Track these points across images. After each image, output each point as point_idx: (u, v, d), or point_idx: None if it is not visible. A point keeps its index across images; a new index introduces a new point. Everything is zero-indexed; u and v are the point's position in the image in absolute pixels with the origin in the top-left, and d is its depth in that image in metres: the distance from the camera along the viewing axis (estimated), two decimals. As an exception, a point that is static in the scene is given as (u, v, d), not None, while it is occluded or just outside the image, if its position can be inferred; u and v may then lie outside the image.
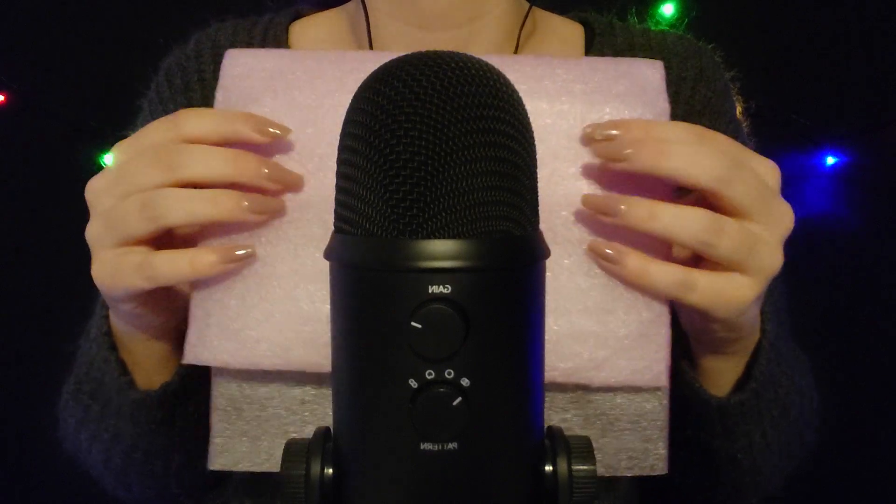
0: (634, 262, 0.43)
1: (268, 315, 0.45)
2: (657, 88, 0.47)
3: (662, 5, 1.10)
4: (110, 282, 0.44)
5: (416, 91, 0.30)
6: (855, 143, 1.17)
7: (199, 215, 0.42)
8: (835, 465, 1.21)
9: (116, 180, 0.44)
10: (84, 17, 1.14)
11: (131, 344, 0.53)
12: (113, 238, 0.44)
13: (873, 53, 1.16)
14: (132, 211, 0.43)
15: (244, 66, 0.47)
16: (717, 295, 0.43)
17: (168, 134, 0.44)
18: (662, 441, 0.47)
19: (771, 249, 0.43)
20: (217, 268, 0.44)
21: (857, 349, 1.21)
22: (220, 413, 0.48)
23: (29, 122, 1.16)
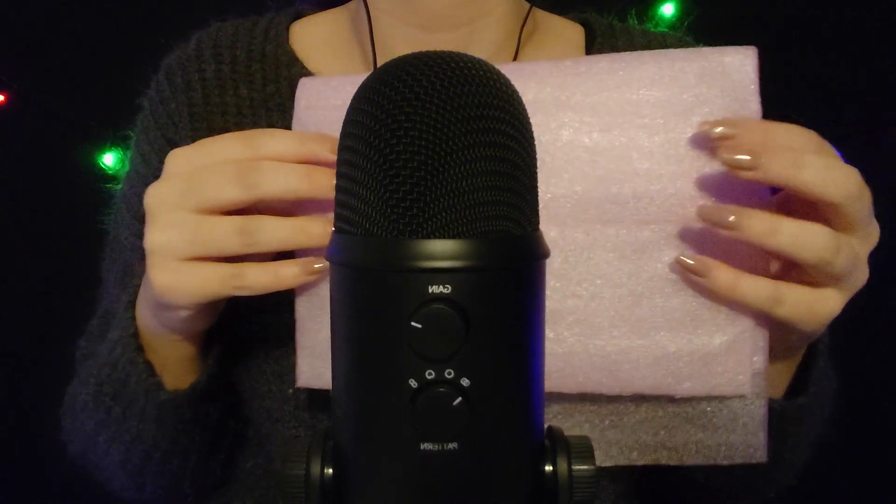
0: (724, 275, 0.43)
1: None
2: (749, 85, 0.45)
3: (662, 5, 1.10)
4: (183, 290, 0.45)
5: (416, 91, 0.30)
6: (855, 143, 1.17)
7: (291, 243, 0.46)
8: (835, 464, 1.21)
9: (190, 192, 0.45)
10: (84, 17, 1.14)
11: (162, 346, 0.53)
12: (196, 252, 0.45)
13: (873, 53, 1.16)
14: (228, 233, 0.45)
15: (318, 95, 0.48)
16: (806, 309, 0.43)
17: (246, 151, 0.46)
18: (763, 432, 0.48)
19: (864, 265, 0.44)
20: (299, 279, 0.46)
21: (857, 349, 1.21)
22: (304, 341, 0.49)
23: (29, 122, 1.16)
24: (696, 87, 0.45)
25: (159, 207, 0.46)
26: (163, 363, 0.54)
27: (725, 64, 0.45)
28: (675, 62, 0.46)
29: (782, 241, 0.40)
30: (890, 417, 1.21)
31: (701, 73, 0.45)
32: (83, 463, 0.62)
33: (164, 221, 0.45)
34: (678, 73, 0.45)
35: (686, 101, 0.45)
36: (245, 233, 0.44)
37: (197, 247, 0.45)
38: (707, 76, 0.45)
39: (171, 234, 0.45)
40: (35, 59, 1.16)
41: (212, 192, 0.44)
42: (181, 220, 0.45)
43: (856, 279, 0.43)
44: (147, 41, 0.67)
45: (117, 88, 0.67)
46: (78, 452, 0.62)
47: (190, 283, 0.45)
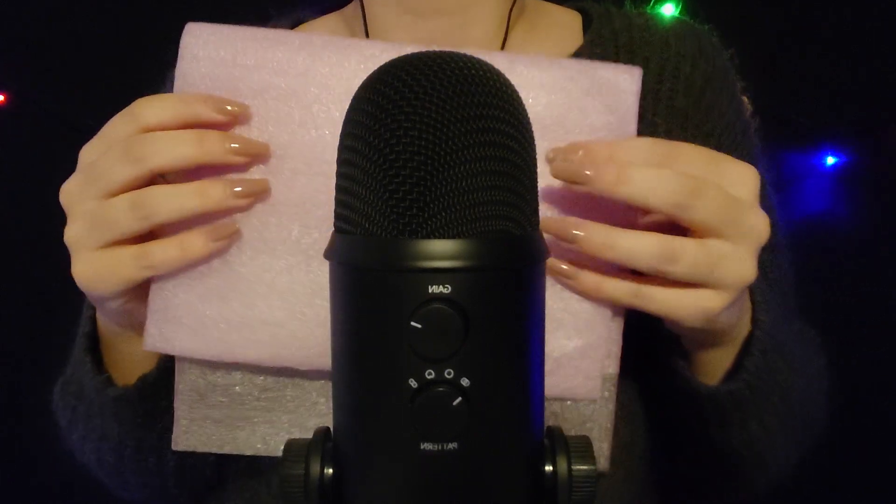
0: (588, 277, 0.45)
1: (224, 312, 0.46)
2: (630, 105, 0.47)
3: (662, 5, 1.10)
4: (100, 280, 0.45)
5: (416, 91, 0.30)
6: (855, 143, 1.17)
7: (189, 208, 0.43)
8: (835, 464, 1.21)
9: (89, 181, 0.45)
10: (84, 17, 1.14)
11: (120, 342, 0.53)
12: (101, 238, 0.44)
13: (873, 53, 1.16)
14: (122, 210, 0.43)
15: (204, 44, 0.47)
16: (678, 306, 0.44)
17: (129, 126, 0.45)
18: (606, 442, 0.49)
19: (739, 262, 0.44)
20: (208, 247, 0.45)
21: (857, 349, 1.21)
22: (183, 397, 0.49)
23: (29, 122, 1.16)
24: (580, 100, 0.46)
25: (69, 202, 0.45)
26: (122, 359, 0.54)
27: (611, 81, 0.47)
28: (567, 71, 0.47)
29: (618, 253, 0.43)
30: (890, 417, 1.21)
31: (588, 86, 0.47)
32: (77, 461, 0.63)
33: (75, 214, 0.45)
34: (567, 83, 0.47)
35: (568, 110, 0.46)
36: (137, 206, 0.43)
37: (100, 233, 0.44)
38: (593, 90, 0.47)
39: (80, 225, 0.45)
40: (35, 59, 1.16)
41: (105, 176, 0.44)
42: (87, 211, 0.44)
43: (729, 277, 0.43)
44: (147, 41, 0.67)
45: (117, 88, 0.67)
46: (67, 449, 0.62)
47: (103, 272, 0.45)
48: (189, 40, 0.47)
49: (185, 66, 0.46)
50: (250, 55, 0.46)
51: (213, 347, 0.47)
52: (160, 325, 0.47)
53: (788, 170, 1.19)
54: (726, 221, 0.43)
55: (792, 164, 1.19)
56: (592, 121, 0.46)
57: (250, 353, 0.47)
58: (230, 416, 0.50)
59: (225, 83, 0.46)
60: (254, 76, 0.46)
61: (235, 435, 0.50)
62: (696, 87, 0.61)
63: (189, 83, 0.46)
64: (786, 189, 1.19)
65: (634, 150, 0.44)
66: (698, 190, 0.42)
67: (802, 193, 1.20)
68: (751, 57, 1.15)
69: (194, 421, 0.50)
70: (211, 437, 0.50)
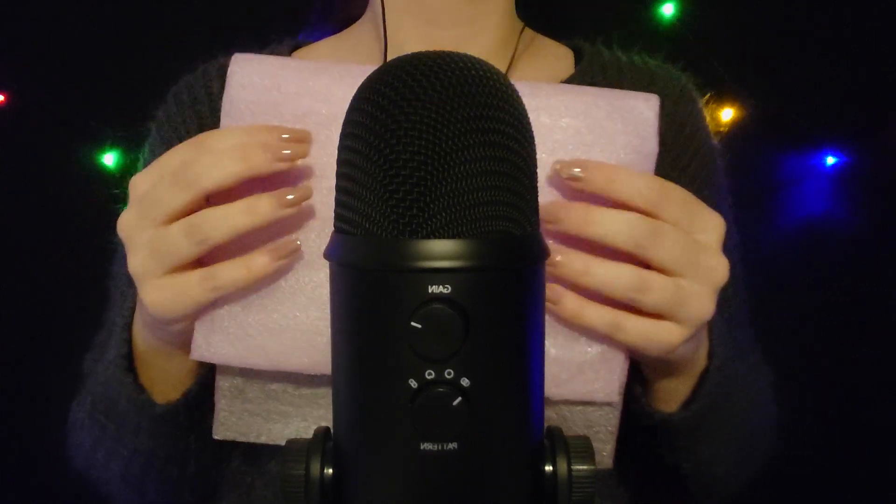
0: (571, 303, 0.47)
1: (267, 322, 0.48)
2: (649, 128, 0.49)
3: (662, 5, 1.10)
4: (172, 305, 0.46)
5: (417, 91, 0.30)
6: (855, 143, 1.17)
7: (242, 226, 0.44)
8: (835, 464, 1.21)
9: (144, 210, 0.46)
10: (84, 17, 1.14)
11: (163, 360, 0.54)
12: (163, 265, 0.45)
13: (873, 53, 1.16)
14: (178, 236, 0.45)
15: (251, 73, 0.48)
16: (645, 337, 0.47)
17: (189, 155, 0.46)
18: (611, 443, 0.52)
19: (700, 301, 0.47)
20: (272, 266, 0.46)
21: (857, 349, 1.21)
22: (224, 392, 0.52)
23: (29, 122, 1.16)
24: (602, 122, 0.48)
25: (129, 233, 0.46)
26: (160, 377, 0.55)
27: (631, 106, 0.49)
28: (588, 97, 0.49)
29: (594, 281, 0.45)
30: (891, 417, 1.21)
31: (610, 110, 0.48)
32: (87, 476, 0.63)
33: (135, 245, 0.46)
34: (590, 108, 0.48)
35: (593, 132, 0.48)
36: (192, 231, 0.44)
37: (162, 260, 0.45)
38: (614, 114, 0.48)
39: (143, 255, 0.46)
40: (35, 59, 1.16)
41: (160, 203, 0.45)
42: (147, 240, 0.45)
43: (691, 313, 0.46)
44: (147, 41, 0.68)
45: (117, 88, 0.67)
46: (81, 467, 0.63)
47: (172, 298, 0.46)
48: (236, 69, 0.48)
49: (233, 92, 0.48)
50: (293, 83, 0.48)
51: (256, 356, 0.48)
52: (206, 335, 0.48)
53: (788, 170, 1.19)
54: (685, 262, 0.46)
55: (792, 164, 1.19)
56: (615, 142, 0.48)
57: (292, 362, 0.48)
58: (266, 409, 0.52)
59: (269, 108, 0.48)
60: (296, 102, 0.48)
61: (271, 427, 0.53)
62: (677, 123, 0.66)
63: (236, 108, 0.48)
64: (786, 189, 1.19)
65: (630, 182, 0.45)
66: (657, 232, 0.45)
67: (802, 193, 1.19)
68: (751, 57, 1.15)
69: (233, 413, 0.52)
70: (249, 428, 0.53)
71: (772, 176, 1.19)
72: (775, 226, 1.20)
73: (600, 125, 0.48)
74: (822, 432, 1.20)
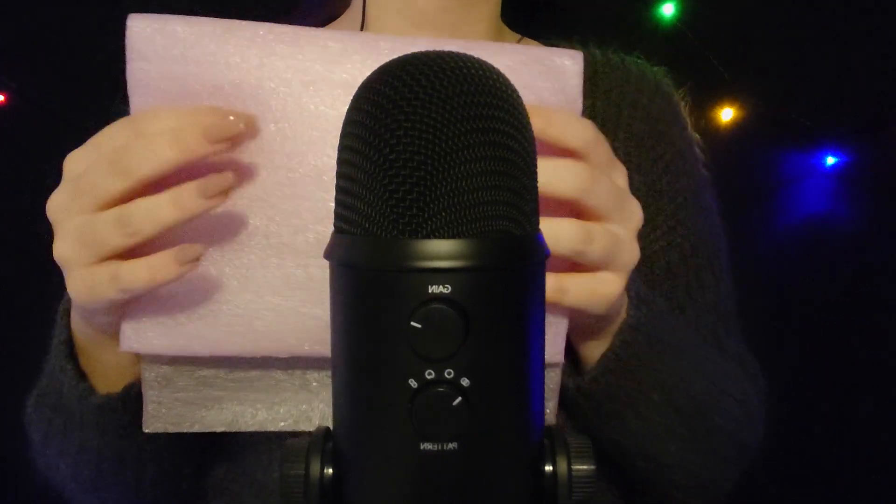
0: None
1: (198, 309, 0.47)
2: (574, 83, 0.49)
3: (662, 5, 1.10)
4: (89, 297, 0.44)
5: (416, 91, 0.30)
6: (855, 143, 1.17)
7: (169, 220, 0.42)
8: (835, 464, 1.21)
9: (77, 195, 0.43)
10: (84, 17, 1.14)
11: (99, 351, 0.52)
12: (92, 255, 0.43)
13: (873, 53, 1.16)
14: (109, 226, 0.42)
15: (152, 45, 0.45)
16: (589, 294, 0.47)
17: (130, 137, 0.43)
18: (553, 401, 0.53)
19: (629, 245, 0.48)
20: (176, 271, 0.43)
21: (857, 349, 1.21)
22: (151, 383, 0.50)
23: (29, 122, 1.16)
24: (526, 78, 0.48)
25: (58, 216, 0.44)
26: (100, 368, 0.53)
27: (556, 63, 0.49)
28: (519, 56, 0.48)
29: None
30: (891, 417, 1.21)
31: (539, 67, 0.48)
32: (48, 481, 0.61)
33: (64, 230, 0.44)
34: (515, 64, 0.48)
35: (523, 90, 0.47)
36: (123, 223, 0.42)
37: (91, 249, 0.43)
38: (538, 70, 0.48)
39: (70, 241, 0.44)
40: (35, 59, 1.16)
41: (95, 189, 0.43)
42: (76, 226, 0.43)
43: (624, 259, 0.47)
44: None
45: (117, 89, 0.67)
46: (41, 469, 0.61)
47: (90, 290, 0.44)
48: (135, 39, 0.45)
49: (136, 67, 0.45)
50: (201, 51, 0.45)
51: (192, 343, 0.47)
52: (135, 326, 0.47)
53: (788, 170, 1.19)
54: (614, 207, 0.47)
55: (792, 164, 1.19)
56: (543, 99, 0.48)
57: (228, 347, 0.47)
58: (198, 397, 0.51)
59: (179, 82, 0.45)
60: (206, 73, 0.45)
61: (204, 414, 0.51)
62: (652, 117, 0.67)
63: (143, 84, 0.45)
64: (786, 188, 1.19)
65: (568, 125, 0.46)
66: (594, 178, 0.45)
67: (802, 193, 1.20)
68: (751, 57, 1.15)
69: (163, 404, 0.50)
70: (181, 418, 0.51)
71: (772, 175, 1.19)
72: (775, 225, 1.20)
73: (529, 83, 0.48)
74: (821, 432, 1.20)
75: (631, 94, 0.68)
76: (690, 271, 0.66)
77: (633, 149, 0.66)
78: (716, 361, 0.62)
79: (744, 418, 0.62)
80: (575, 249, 0.45)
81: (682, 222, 0.66)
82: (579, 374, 0.55)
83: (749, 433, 0.63)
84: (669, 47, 1.10)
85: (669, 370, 0.56)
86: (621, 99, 0.67)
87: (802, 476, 1.19)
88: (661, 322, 0.56)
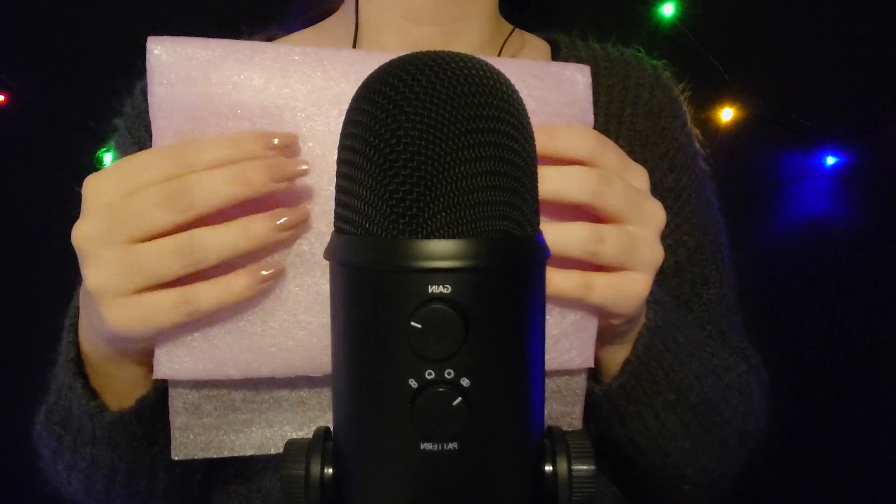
0: None
1: (233, 331, 0.46)
2: (584, 95, 0.50)
3: (662, 5, 1.10)
4: (141, 325, 0.43)
5: (416, 91, 0.30)
6: (855, 143, 1.17)
7: (240, 249, 0.43)
8: (835, 463, 1.21)
9: (116, 226, 0.42)
10: (84, 17, 1.14)
11: (112, 368, 0.51)
12: (135, 284, 0.42)
13: (873, 53, 1.16)
14: (165, 256, 0.42)
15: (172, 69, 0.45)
16: (616, 292, 0.47)
17: (174, 170, 0.43)
18: (580, 405, 0.54)
19: (649, 245, 0.48)
20: (252, 289, 0.44)
21: (857, 349, 1.21)
22: (178, 410, 0.49)
23: (29, 122, 1.16)
24: (538, 91, 0.49)
25: (89, 246, 0.43)
26: (110, 384, 0.52)
27: (566, 77, 0.50)
28: (522, 68, 0.49)
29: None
30: (891, 416, 1.21)
31: (548, 82, 0.49)
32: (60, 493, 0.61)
33: (99, 261, 0.42)
34: (526, 77, 0.48)
35: (535, 103, 0.48)
36: (184, 253, 0.42)
37: (138, 279, 0.42)
38: (549, 84, 0.49)
39: (109, 272, 0.42)
40: (35, 59, 1.16)
41: (142, 222, 0.42)
42: (116, 256, 0.42)
43: (645, 258, 0.47)
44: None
45: (118, 89, 0.67)
46: (51, 482, 0.61)
47: (141, 317, 0.43)
48: (156, 62, 0.44)
49: (159, 91, 0.44)
50: (224, 73, 0.45)
51: (223, 368, 0.46)
52: (169, 352, 0.46)
53: (788, 170, 1.19)
54: (631, 208, 0.47)
55: (792, 164, 1.19)
56: (554, 113, 0.49)
57: (262, 368, 0.47)
58: (226, 421, 0.50)
59: (202, 104, 0.45)
60: (232, 96, 0.45)
61: (233, 438, 0.51)
62: (654, 112, 0.67)
63: (166, 108, 0.45)
64: (786, 189, 1.19)
65: (569, 136, 0.46)
66: (606, 179, 0.46)
67: (802, 193, 1.19)
68: (751, 57, 1.15)
69: (190, 430, 0.50)
70: (209, 444, 0.50)
71: (772, 175, 1.19)
72: (775, 225, 1.20)
73: (539, 97, 0.48)
74: (821, 432, 1.20)
75: (632, 89, 0.68)
76: (695, 267, 0.66)
77: (637, 147, 0.66)
78: (721, 357, 0.62)
79: (748, 411, 0.63)
80: (586, 250, 0.46)
81: (686, 219, 0.66)
82: (599, 378, 0.56)
83: (752, 425, 0.64)
84: (669, 47, 1.10)
85: (684, 369, 0.56)
86: (623, 95, 0.67)
87: (802, 476, 1.19)
88: (674, 322, 0.57)
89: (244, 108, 0.45)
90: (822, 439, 1.20)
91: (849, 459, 1.21)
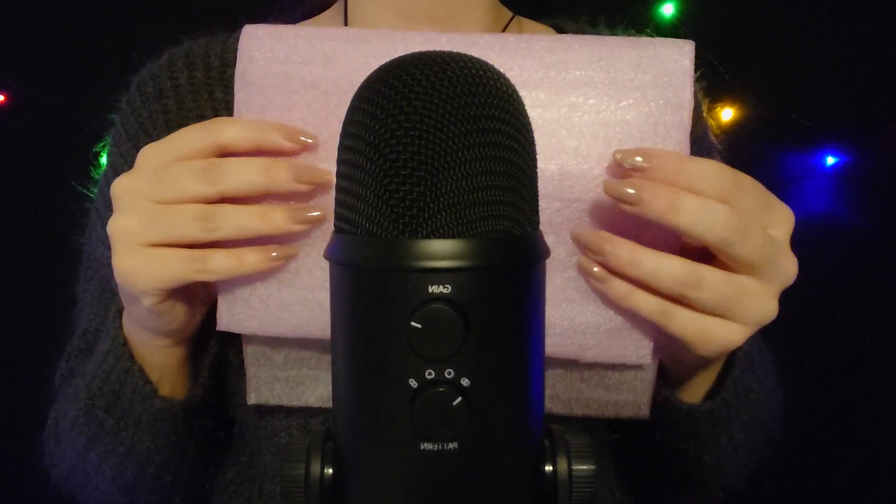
0: (620, 287, 0.45)
1: (286, 295, 0.49)
2: (683, 76, 0.46)
3: (662, 5, 1.10)
4: (145, 274, 0.45)
5: (417, 91, 0.30)
6: (855, 143, 1.17)
7: (252, 229, 0.45)
8: (835, 463, 1.21)
9: (155, 183, 0.45)
10: (84, 17, 1.14)
11: (150, 355, 0.54)
12: (157, 236, 0.45)
13: (873, 53, 1.16)
14: (188, 218, 0.45)
15: (261, 47, 0.48)
16: (698, 332, 0.44)
17: (204, 140, 0.46)
18: (648, 394, 0.53)
19: (762, 301, 0.44)
20: (262, 264, 0.47)
21: (857, 349, 1.21)
22: (252, 360, 0.54)
23: (29, 122, 1.16)
24: (629, 73, 0.46)
25: (124, 195, 0.46)
26: (154, 374, 0.54)
27: (662, 55, 0.46)
28: (613, 48, 0.47)
29: (642, 271, 0.43)
30: (891, 416, 1.21)
31: (637, 60, 0.47)
32: (67, 487, 0.62)
33: (127, 207, 0.46)
34: (614, 59, 0.47)
35: (619, 85, 0.46)
36: (205, 219, 0.45)
37: (158, 231, 0.45)
38: (643, 64, 0.46)
39: (133, 219, 0.45)
40: (35, 59, 1.16)
41: (176, 186, 0.45)
42: (143, 207, 0.45)
43: (750, 313, 0.44)
44: (148, 41, 0.67)
45: (118, 89, 0.67)
46: (62, 476, 0.61)
47: (151, 267, 0.45)
48: (247, 42, 0.49)
49: (244, 66, 0.49)
50: (301, 51, 0.48)
51: (279, 326, 0.49)
52: (230, 306, 0.49)
53: (788, 170, 1.19)
54: (763, 262, 0.43)
55: (792, 164, 1.19)
56: (645, 94, 0.46)
57: (314, 331, 0.49)
58: (295, 375, 0.54)
59: (281, 79, 0.48)
60: (304, 70, 0.48)
61: (302, 390, 0.54)
62: None
63: (247, 81, 0.48)
64: (786, 188, 1.19)
65: (702, 174, 0.42)
66: (746, 229, 0.42)
67: (802, 193, 1.19)
68: (751, 57, 1.15)
69: (262, 379, 0.54)
70: (280, 393, 0.54)
71: (772, 175, 1.18)
72: (775, 226, 1.19)
73: (627, 76, 0.46)
74: (821, 432, 1.20)
75: None
76: None
77: None
78: (765, 365, 0.61)
79: (779, 414, 0.63)
80: (676, 291, 0.43)
81: None
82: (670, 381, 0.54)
83: (780, 426, 0.64)
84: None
85: (761, 387, 0.56)
86: None
87: (802, 476, 1.19)
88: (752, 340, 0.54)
89: (314, 83, 0.48)
90: (822, 439, 1.20)
91: (849, 459, 1.21)
